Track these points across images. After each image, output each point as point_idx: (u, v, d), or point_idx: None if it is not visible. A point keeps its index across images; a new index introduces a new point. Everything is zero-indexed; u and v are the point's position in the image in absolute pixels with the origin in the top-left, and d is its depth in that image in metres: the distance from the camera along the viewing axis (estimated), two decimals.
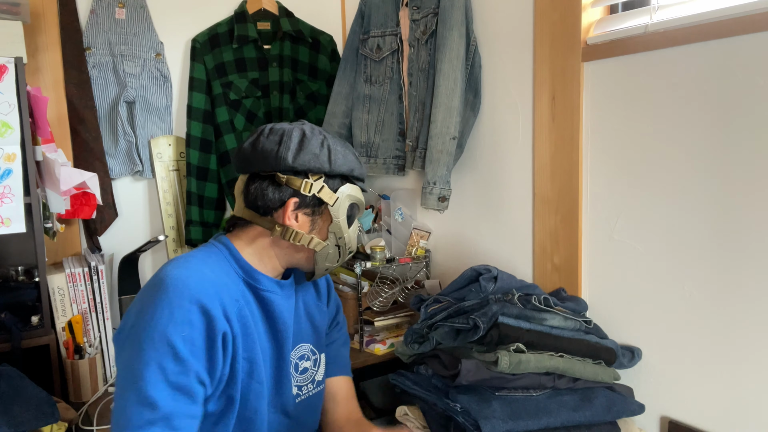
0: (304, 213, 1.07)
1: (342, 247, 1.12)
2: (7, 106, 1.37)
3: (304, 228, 1.08)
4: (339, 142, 1.10)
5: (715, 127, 1.19)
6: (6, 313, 1.52)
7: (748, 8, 1.11)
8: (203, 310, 0.92)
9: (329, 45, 2.24)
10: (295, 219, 1.07)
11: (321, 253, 1.10)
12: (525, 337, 1.26)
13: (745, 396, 1.19)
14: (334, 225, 1.09)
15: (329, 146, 1.07)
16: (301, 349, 1.18)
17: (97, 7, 1.89)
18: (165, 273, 0.95)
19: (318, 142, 1.07)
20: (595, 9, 1.43)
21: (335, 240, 1.10)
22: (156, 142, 2.02)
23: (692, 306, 1.27)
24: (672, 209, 1.28)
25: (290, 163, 1.04)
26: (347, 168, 1.08)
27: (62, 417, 1.29)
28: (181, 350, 0.89)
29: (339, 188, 1.09)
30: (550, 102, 1.51)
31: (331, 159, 1.06)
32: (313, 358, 1.21)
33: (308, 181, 1.06)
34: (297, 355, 1.17)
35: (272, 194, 1.06)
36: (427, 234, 1.98)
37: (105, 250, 1.92)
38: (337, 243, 1.11)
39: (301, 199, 1.06)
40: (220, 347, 0.95)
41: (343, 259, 1.14)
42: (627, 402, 1.27)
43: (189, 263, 0.99)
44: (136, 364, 0.88)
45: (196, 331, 0.91)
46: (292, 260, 1.12)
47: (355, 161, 1.10)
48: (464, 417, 1.19)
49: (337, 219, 1.08)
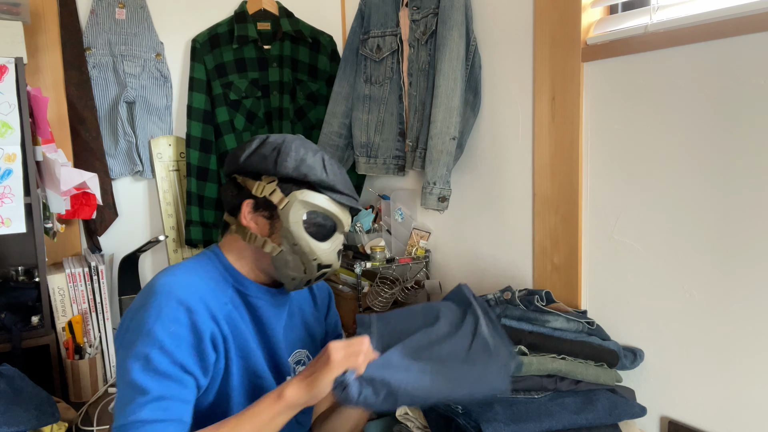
0: (262, 216, 1.07)
1: (303, 257, 1.06)
2: (8, 107, 1.37)
3: (262, 232, 1.07)
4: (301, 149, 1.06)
5: (714, 127, 1.19)
6: (6, 313, 1.52)
7: (748, 8, 1.11)
8: (189, 310, 0.97)
9: (329, 45, 2.24)
10: (255, 222, 1.07)
11: (277, 258, 1.06)
12: (527, 339, 1.26)
13: (745, 396, 1.19)
14: (284, 230, 1.05)
15: (280, 149, 1.05)
16: (298, 355, 1.19)
17: (97, 7, 1.89)
18: (155, 280, 1.01)
19: (272, 146, 1.06)
20: (595, 9, 1.43)
21: (290, 247, 1.06)
22: (156, 142, 2.02)
23: (692, 306, 1.27)
24: (672, 209, 1.28)
25: (240, 164, 1.07)
26: (300, 173, 1.04)
27: (62, 417, 1.29)
28: (166, 343, 0.93)
29: (292, 192, 1.05)
30: (550, 102, 1.51)
31: (279, 161, 1.04)
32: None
33: (261, 183, 1.06)
34: (294, 360, 1.18)
35: (232, 196, 1.09)
36: (427, 234, 1.98)
37: (105, 250, 1.92)
38: (294, 251, 1.06)
39: (255, 201, 1.06)
40: (209, 344, 0.99)
41: (312, 273, 1.08)
42: (629, 404, 1.26)
43: (178, 271, 1.03)
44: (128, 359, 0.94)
45: (182, 328, 0.96)
46: (262, 266, 1.11)
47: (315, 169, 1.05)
48: (465, 419, 1.19)
49: (288, 224, 1.05)
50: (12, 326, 1.46)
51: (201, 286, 1.02)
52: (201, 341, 0.97)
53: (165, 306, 0.95)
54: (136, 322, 0.96)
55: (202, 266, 1.07)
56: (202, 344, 0.97)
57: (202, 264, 1.08)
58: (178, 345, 0.94)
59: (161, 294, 0.96)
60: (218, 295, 1.04)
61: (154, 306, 0.95)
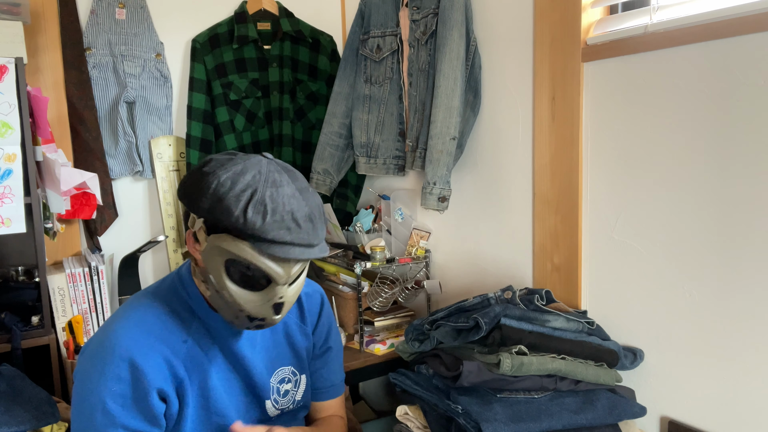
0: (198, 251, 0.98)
1: (230, 303, 0.96)
2: (8, 107, 1.37)
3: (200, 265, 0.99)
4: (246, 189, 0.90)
5: (714, 127, 1.19)
6: (6, 313, 1.52)
7: (748, 8, 1.11)
8: (132, 366, 0.95)
9: (329, 45, 2.24)
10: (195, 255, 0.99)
11: (211, 298, 1.00)
12: (527, 339, 1.26)
13: (745, 396, 1.19)
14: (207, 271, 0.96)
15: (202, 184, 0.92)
16: (281, 373, 1.16)
17: (97, 8, 1.89)
18: (107, 328, 0.99)
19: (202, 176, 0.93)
20: (595, 9, 1.43)
21: (215, 288, 0.96)
22: (156, 143, 2.02)
23: (692, 305, 1.27)
24: (672, 209, 1.28)
25: (180, 189, 0.98)
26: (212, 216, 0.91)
27: (62, 417, 1.29)
28: (108, 404, 0.93)
29: (212, 234, 0.93)
30: (550, 102, 1.51)
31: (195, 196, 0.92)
32: (294, 380, 1.18)
33: (193, 215, 0.96)
34: (277, 380, 1.15)
35: (185, 221, 1.01)
36: (427, 234, 1.98)
37: (105, 250, 1.91)
38: (220, 296, 0.96)
39: (193, 233, 0.98)
40: (155, 397, 0.97)
41: (243, 323, 0.98)
42: (629, 404, 1.27)
43: (133, 314, 1.01)
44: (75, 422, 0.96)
45: (124, 386, 0.95)
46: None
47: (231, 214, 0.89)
48: (465, 419, 1.19)
49: (208, 268, 0.95)
50: (12, 326, 1.46)
51: (155, 328, 0.99)
52: (147, 396, 0.96)
53: (108, 363, 0.94)
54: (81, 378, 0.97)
55: (162, 299, 1.04)
56: (148, 398, 0.96)
57: (162, 296, 1.05)
58: (122, 405, 0.94)
59: (107, 349, 0.96)
60: (176, 333, 1.01)
61: (99, 361, 0.95)
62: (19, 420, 1.19)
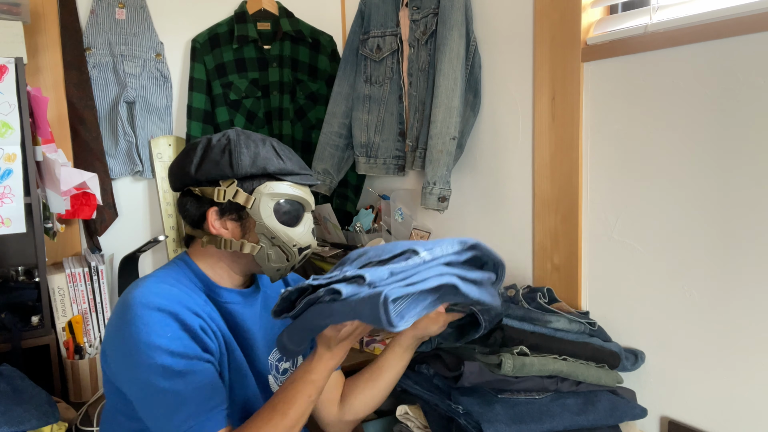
0: (231, 219, 1.07)
1: (283, 246, 1.07)
2: (8, 107, 1.37)
3: (235, 235, 1.07)
4: (250, 142, 1.06)
5: (714, 127, 1.19)
6: (6, 313, 1.52)
7: (748, 8, 1.12)
8: (171, 313, 0.97)
9: (329, 45, 2.24)
10: (225, 227, 1.07)
11: (259, 256, 1.07)
12: (529, 340, 1.26)
13: (745, 396, 1.19)
14: (259, 226, 1.05)
15: (231, 150, 1.04)
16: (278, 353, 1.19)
17: (97, 8, 1.89)
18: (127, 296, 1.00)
19: (220, 149, 1.05)
20: (595, 9, 1.43)
21: (269, 241, 1.06)
22: (156, 143, 2.02)
23: (692, 305, 1.27)
24: (672, 209, 1.28)
25: (194, 176, 1.06)
26: (258, 168, 1.04)
27: (62, 417, 1.29)
28: (171, 346, 0.94)
29: (256, 188, 1.05)
30: (550, 102, 1.51)
31: (233, 163, 1.04)
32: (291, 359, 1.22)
33: (221, 188, 1.05)
34: (276, 358, 1.19)
35: (192, 208, 1.08)
36: (427, 234, 1.98)
37: (105, 250, 1.91)
38: (274, 243, 1.06)
39: (219, 207, 1.06)
40: (202, 334, 1.00)
41: (295, 259, 1.09)
42: (630, 405, 1.26)
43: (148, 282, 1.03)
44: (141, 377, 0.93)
45: (174, 329, 0.97)
46: (243, 267, 1.11)
47: (270, 159, 1.06)
48: (466, 419, 1.19)
49: (261, 220, 1.05)
50: (12, 326, 1.46)
51: (174, 291, 1.02)
52: (195, 335, 0.98)
53: (148, 317, 0.95)
54: (126, 340, 0.95)
55: (171, 275, 1.07)
56: (198, 337, 0.98)
57: (171, 273, 1.08)
58: (182, 343, 0.95)
59: (138, 306, 0.96)
60: (194, 297, 1.04)
61: (138, 320, 0.95)
62: (19, 420, 1.19)
